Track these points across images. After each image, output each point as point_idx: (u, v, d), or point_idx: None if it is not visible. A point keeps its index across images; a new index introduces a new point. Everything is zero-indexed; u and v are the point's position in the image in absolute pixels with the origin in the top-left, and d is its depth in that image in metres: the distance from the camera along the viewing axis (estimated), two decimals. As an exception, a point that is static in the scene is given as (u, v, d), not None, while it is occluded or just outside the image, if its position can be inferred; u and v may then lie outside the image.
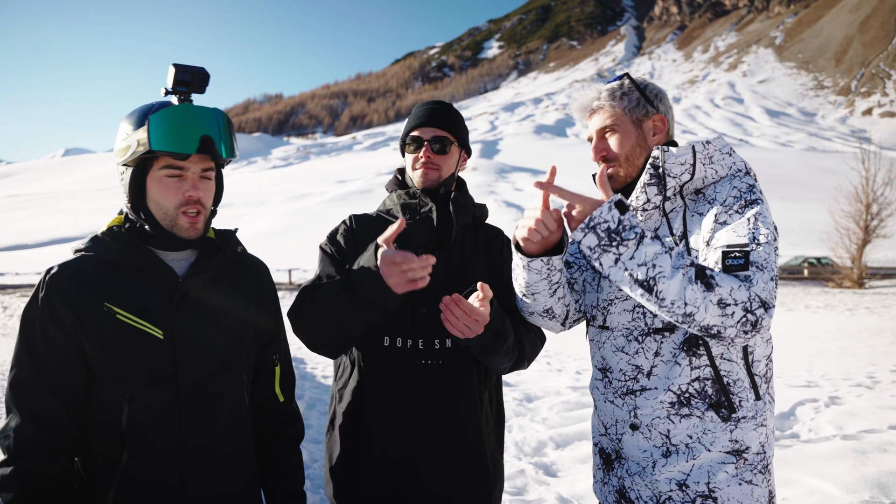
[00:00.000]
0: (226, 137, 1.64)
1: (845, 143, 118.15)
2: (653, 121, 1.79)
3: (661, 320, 1.66)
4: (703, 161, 1.67)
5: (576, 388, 7.16)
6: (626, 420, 1.72)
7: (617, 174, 1.79)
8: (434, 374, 1.88)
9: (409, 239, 1.94)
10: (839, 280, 25.64)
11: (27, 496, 1.49)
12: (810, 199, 45.70)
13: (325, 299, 1.78)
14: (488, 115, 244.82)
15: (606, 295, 1.78)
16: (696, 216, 1.68)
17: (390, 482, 1.86)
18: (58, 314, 1.55)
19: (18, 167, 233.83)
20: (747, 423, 1.61)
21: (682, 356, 1.63)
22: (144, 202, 1.63)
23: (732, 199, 1.61)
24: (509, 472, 4.58)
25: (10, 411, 1.55)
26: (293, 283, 29.21)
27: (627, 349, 1.72)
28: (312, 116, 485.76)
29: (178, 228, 1.63)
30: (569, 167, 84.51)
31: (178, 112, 1.58)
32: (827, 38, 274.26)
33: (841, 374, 7.55)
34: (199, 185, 1.63)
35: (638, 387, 1.69)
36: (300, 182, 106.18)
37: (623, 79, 1.82)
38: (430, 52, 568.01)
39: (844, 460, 4.20)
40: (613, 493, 1.78)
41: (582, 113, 1.87)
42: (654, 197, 1.70)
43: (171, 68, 1.61)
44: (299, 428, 1.91)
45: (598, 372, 1.82)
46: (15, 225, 80.00)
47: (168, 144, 1.54)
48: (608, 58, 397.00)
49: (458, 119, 2.06)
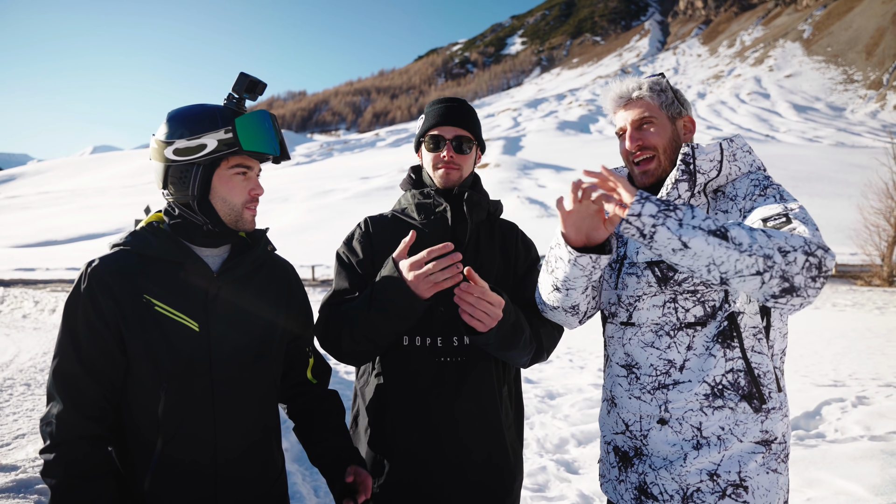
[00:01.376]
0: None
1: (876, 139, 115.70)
2: (685, 121, 1.84)
3: (693, 314, 1.69)
4: (728, 158, 1.72)
5: (598, 385, 7.13)
6: (654, 415, 1.73)
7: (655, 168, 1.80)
8: (454, 371, 1.91)
9: (425, 239, 1.95)
10: (868, 278, 25.13)
11: (69, 481, 1.54)
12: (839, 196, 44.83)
13: (354, 317, 1.82)
14: (511, 112, 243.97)
15: (632, 291, 1.78)
16: (719, 214, 1.72)
17: (415, 476, 1.89)
18: (99, 305, 1.61)
19: (49, 164, 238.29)
20: (775, 413, 1.67)
21: (716, 348, 1.66)
22: (207, 198, 1.72)
23: (752, 188, 1.68)
24: (530, 468, 4.58)
25: (51, 399, 1.61)
26: (316, 278, 29.37)
27: (658, 344, 1.73)
28: (336, 113, 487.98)
29: (242, 222, 1.76)
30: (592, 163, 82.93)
31: (261, 117, 1.72)
32: (858, 31, 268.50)
33: (869, 374, 7.42)
34: (258, 183, 1.79)
35: (671, 381, 1.70)
36: (324, 178, 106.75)
37: (659, 76, 1.86)
38: (452, 48, 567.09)
39: (872, 461, 4.13)
40: (632, 489, 1.78)
41: (618, 101, 1.86)
42: (685, 193, 1.72)
43: (240, 76, 1.73)
44: (337, 403, 1.97)
45: (620, 369, 1.82)
46: (45, 221, 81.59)
47: (258, 146, 1.69)
48: (632, 53, 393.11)
49: (475, 117, 2.08)
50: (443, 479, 1.88)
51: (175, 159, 1.69)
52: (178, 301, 1.66)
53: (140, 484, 1.62)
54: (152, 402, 1.62)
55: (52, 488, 1.56)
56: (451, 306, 1.84)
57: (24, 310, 17.58)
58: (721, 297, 1.68)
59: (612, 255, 1.71)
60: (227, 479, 1.67)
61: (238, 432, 1.70)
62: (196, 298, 1.68)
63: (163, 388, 1.61)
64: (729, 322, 1.66)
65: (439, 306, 1.89)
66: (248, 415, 1.73)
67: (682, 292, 1.70)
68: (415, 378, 1.90)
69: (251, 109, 1.75)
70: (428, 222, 1.98)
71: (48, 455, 1.56)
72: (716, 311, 1.68)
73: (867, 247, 26.28)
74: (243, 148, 1.66)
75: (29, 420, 5.84)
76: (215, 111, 1.71)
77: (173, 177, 1.71)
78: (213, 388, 1.66)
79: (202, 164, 1.69)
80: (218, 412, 1.66)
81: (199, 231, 1.73)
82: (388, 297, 1.75)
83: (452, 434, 1.89)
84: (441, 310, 1.89)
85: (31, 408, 6.33)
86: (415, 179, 2.14)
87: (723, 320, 1.67)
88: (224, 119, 1.68)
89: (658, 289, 1.73)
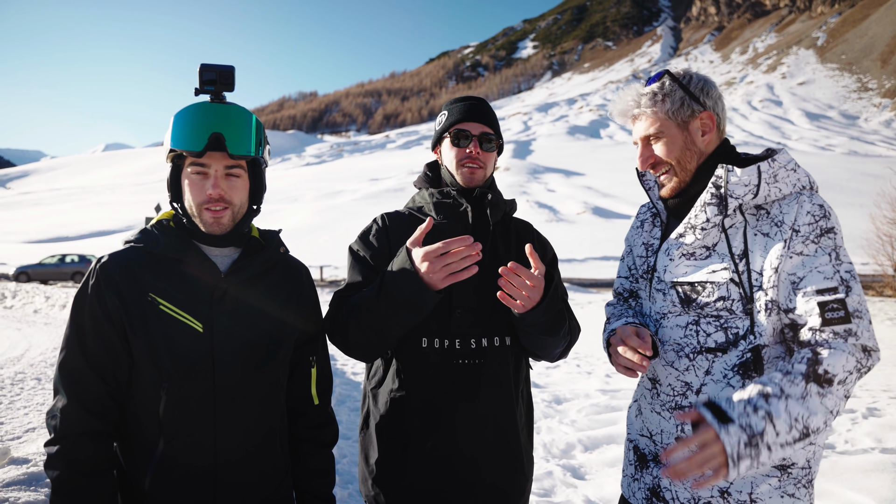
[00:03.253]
0: (242, 135, 1.65)
1: (890, 148, 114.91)
2: (700, 119, 1.69)
3: (713, 340, 1.62)
4: (767, 181, 1.58)
5: (605, 392, 7.10)
6: (673, 433, 1.70)
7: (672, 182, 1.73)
8: (471, 373, 1.89)
9: (443, 239, 1.92)
10: (880, 288, 24.92)
11: (71, 475, 1.54)
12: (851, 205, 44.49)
13: (362, 305, 1.79)
14: (522, 116, 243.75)
15: (659, 308, 1.75)
16: (759, 235, 1.59)
17: (431, 478, 1.87)
18: (105, 302, 1.60)
19: (61, 161, 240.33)
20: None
21: (735, 378, 1.59)
22: (181, 199, 1.71)
23: (807, 225, 1.53)
24: (537, 473, 4.57)
25: (57, 392, 1.61)
26: (324, 279, 29.47)
27: (677, 365, 1.68)
28: (346, 114, 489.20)
29: (203, 224, 1.68)
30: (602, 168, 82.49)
31: (191, 111, 1.63)
32: (873, 38, 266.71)
33: (881, 386, 7.35)
34: (221, 183, 1.66)
35: (687, 403, 1.66)
36: (333, 179, 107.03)
37: (663, 78, 1.71)
38: (464, 51, 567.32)
39: (884, 474, 4.10)
40: (645, 490, 1.77)
41: (623, 119, 1.79)
42: (714, 217, 1.62)
43: (200, 68, 1.66)
44: (333, 431, 1.93)
45: (647, 381, 1.82)
46: (57, 218, 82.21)
47: (180, 142, 1.61)
48: (644, 59, 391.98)
49: (496, 116, 2.08)
50: (459, 482, 1.87)
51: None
52: (183, 301, 1.63)
53: (141, 483, 1.60)
54: (154, 401, 1.60)
55: (52, 481, 1.55)
56: (469, 308, 1.85)
57: (35, 305, 17.73)
58: (746, 327, 1.59)
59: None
60: (227, 482, 1.65)
61: (239, 435, 1.67)
62: (201, 298, 1.65)
63: (164, 388, 1.59)
64: (753, 354, 1.58)
65: (457, 308, 1.88)
66: (251, 418, 1.69)
67: (704, 315, 1.63)
68: (432, 381, 1.89)
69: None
70: (448, 223, 1.95)
71: (51, 448, 1.56)
72: (738, 339, 1.60)
73: (879, 257, 26.04)
74: (171, 146, 1.62)
75: (39, 414, 5.88)
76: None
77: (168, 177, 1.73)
78: (215, 390, 1.63)
79: (172, 165, 1.69)
80: (219, 414, 1.63)
81: (199, 230, 1.70)
82: (398, 287, 1.70)
83: (469, 436, 1.88)
84: (458, 312, 1.88)
85: (42, 402, 6.37)
86: (431, 177, 2.11)
87: (746, 351, 1.58)
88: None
89: (682, 309, 1.67)
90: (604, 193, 66.21)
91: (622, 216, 52.60)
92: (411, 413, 1.89)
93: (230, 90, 1.70)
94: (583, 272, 28.14)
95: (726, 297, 1.59)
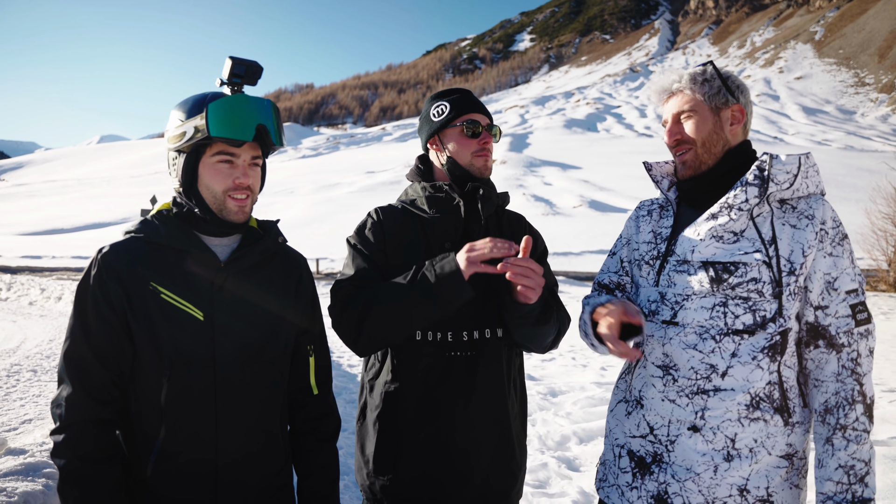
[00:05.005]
0: (277, 127, 1.72)
1: (886, 143, 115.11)
2: (731, 110, 1.78)
3: (742, 321, 1.66)
4: (803, 174, 1.69)
5: (600, 384, 7.15)
6: (687, 421, 1.68)
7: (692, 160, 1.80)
8: (464, 365, 1.91)
9: (436, 233, 1.97)
10: (874, 283, 25.03)
11: (76, 463, 1.55)
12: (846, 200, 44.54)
13: (390, 291, 1.80)
14: (519, 109, 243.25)
15: (681, 290, 1.73)
16: (786, 226, 1.67)
17: (426, 468, 1.89)
18: (108, 290, 1.62)
19: (56, 153, 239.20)
20: (799, 427, 1.68)
21: (764, 360, 1.64)
22: (195, 186, 1.71)
23: (833, 229, 1.66)
24: (532, 465, 4.60)
25: (61, 382, 1.62)
26: (321, 272, 29.42)
27: (701, 347, 1.68)
28: (343, 107, 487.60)
29: (226, 212, 1.71)
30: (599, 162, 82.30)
31: (236, 101, 1.66)
32: (871, 33, 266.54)
33: (874, 379, 7.41)
34: (248, 172, 1.71)
35: (711, 386, 1.66)
36: (329, 172, 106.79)
37: (707, 66, 1.81)
38: (461, 43, 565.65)
39: (875, 466, 4.14)
40: (647, 497, 1.73)
41: (660, 95, 1.87)
42: (753, 199, 1.68)
43: (228, 60, 1.68)
44: (334, 423, 1.94)
45: (656, 369, 1.76)
46: (52, 210, 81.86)
47: (226, 131, 1.62)
48: (641, 52, 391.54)
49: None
50: (453, 472, 1.90)
51: (169, 147, 1.71)
52: (184, 290, 1.65)
53: (143, 472, 1.62)
54: (156, 389, 1.62)
55: (60, 469, 1.57)
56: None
57: (30, 297, 17.70)
58: (774, 309, 1.65)
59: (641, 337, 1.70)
60: (228, 470, 1.67)
61: (240, 422, 1.68)
62: (201, 287, 1.67)
63: (165, 376, 1.61)
64: (781, 337, 1.64)
65: None
66: (252, 405, 1.71)
67: (734, 297, 1.66)
68: (426, 373, 1.91)
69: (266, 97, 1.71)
70: (441, 216, 1.98)
71: (57, 437, 1.57)
72: (766, 321, 1.65)
73: (874, 251, 26.15)
74: (211, 134, 1.61)
75: (35, 405, 5.90)
76: (200, 98, 1.68)
77: (169, 164, 1.74)
78: (216, 378, 1.65)
79: (186, 152, 1.69)
80: (220, 402, 1.65)
81: (201, 220, 1.72)
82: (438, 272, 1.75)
83: (463, 427, 1.91)
84: None
85: (38, 393, 6.39)
86: (424, 171, 2.12)
87: (776, 334, 1.64)
88: (201, 105, 1.65)
89: (710, 290, 1.68)
90: (600, 187, 66.16)
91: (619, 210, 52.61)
92: (405, 404, 1.92)
93: (253, 85, 1.74)
94: (579, 265, 28.15)
95: (758, 279, 1.64)
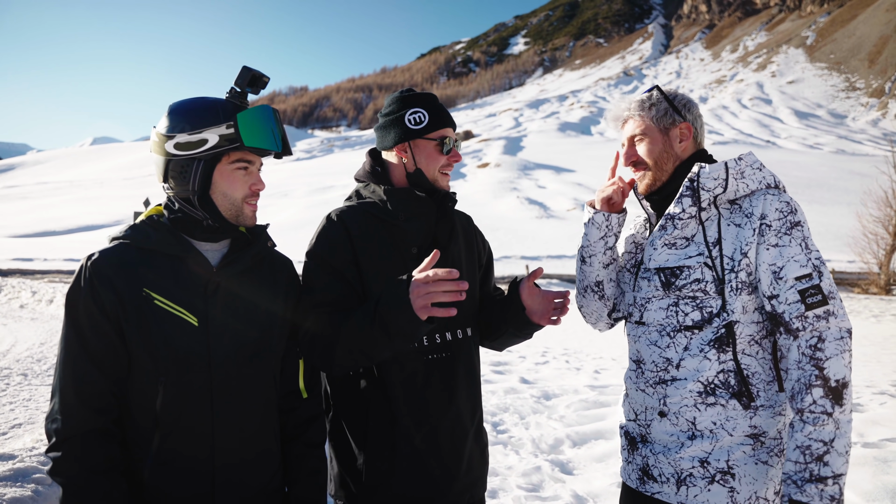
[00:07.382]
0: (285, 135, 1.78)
1: (877, 147, 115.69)
2: (679, 128, 1.96)
3: (691, 318, 1.84)
4: (735, 176, 1.83)
5: (594, 387, 7.14)
6: (656, 407, 1.90)
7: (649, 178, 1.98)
8: (441, 367, 1.94)
9: (404, 237, 1.96)
10: (865, 286, 25.15)
11: (83, 475, 1.53)
12: (838, 203, 44.80)
13: (353, 330, 1.77)
14: (513, 112, 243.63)
15: (645, 294, 1.96)
16: (731, 226, 1.83)
17: (422, 470, 1.90)
18: (100, 298, 1.60)
19: (48, 155, 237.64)
20: (765, 411, 1.79)
21: (711, 352, 1.81)
22: (208, 193, 1.72)
23: (777, 220, 1.77)
24: (525, 468, 4.60)
25: (55, 395, 1.59)
26: (314, 275, 29.34)
27: (660, 343, 1.90)
28: (337, 109, 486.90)
29: (243, 217, 1.75)
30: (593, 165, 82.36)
31: (262, 112, 1.70)
32: (861, 38, 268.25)
33: (864, 382, 7.44)
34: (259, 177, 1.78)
35: (668, 377, 1.87)
36: (323, 175, 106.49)
37: (653, 91, 2.00)
38: (455, 47, 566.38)
39: (865, 468, 4.15)
40: (637, 470, 1.97)
41: (615, 123, 2.07)
42: (689, 207, 1.86)
43: (243, 70, 1.72)
44: (321, 428, 1.93)
45: (632, 363, 2.01)
46: (44, 212, 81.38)
47: (259, 141, 1.67)
48: (635, 56, 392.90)
49: None
50: (445, 469, 1.93)
51: (176, 153, 1.67)
52: (178, 295, 1.64)
53: (139, 477, 1.61)
54: (151, 395, 1.61)
55: (64, 486, 1.53)
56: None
57: (21, 300, 17.57)
58: (718, 306, 1.81)
59: (623, 214, 2.06)
60: (225, 474, 1.67)
61: (236, 427, 1.69)
62: (195, 293, 1.67)
63: (161, 382, 1.60)
64: (726, 330, 1.79)
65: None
66: (247, 410, 1.71)
67: (682, 297, 1.86)
68: (411, 378, 1.92)
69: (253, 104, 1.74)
70: (409, 222, 1.96)
71: (56, 452, 1.54)
72: (712, 316, 1.81)
73: (865, 255, 26.27)
74: (245, 144, 1.65)
75: (25, 410, 5.85)
76: (217, 105, 1.69)
77: (174, 171, 1.69)
78: (212, 382, 1.65)
79: (203, 159, 1.67)
80: (216, 407, 1.65)
81: (198, 226, 1.71)
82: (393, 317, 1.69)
83: (450, 424, 1.95)
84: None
85: (28, 398, 6.34)
86: (380, 173, 2.06)
87: (720, 328, 1.80)
88: (226, 114, 1.67)
89: (663, 292, 1.90)
90: (594, 190, 66.25)
91: (612, 213, 52.60)
92: (395, 412, 1.90)
93: (257, 94, 1.80)
94: (573, 268, 28.21)
95: (701, 280, 1.82)
